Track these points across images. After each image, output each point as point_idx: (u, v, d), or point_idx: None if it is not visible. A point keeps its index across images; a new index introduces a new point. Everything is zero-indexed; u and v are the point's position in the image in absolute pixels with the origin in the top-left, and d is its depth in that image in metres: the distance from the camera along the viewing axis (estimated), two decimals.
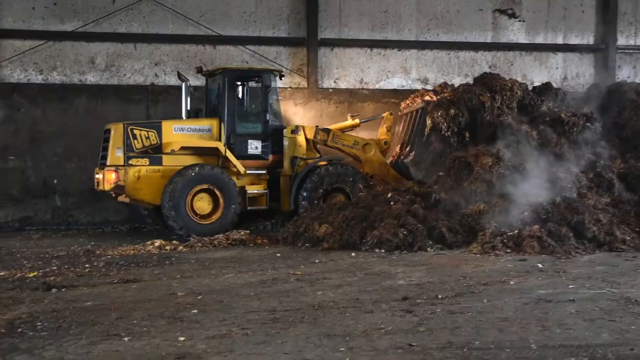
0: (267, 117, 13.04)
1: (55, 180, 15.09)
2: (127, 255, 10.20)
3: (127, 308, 6.33)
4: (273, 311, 6.11)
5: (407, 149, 13.28)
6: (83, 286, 7.54)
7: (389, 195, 11.33)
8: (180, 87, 13.72)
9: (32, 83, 15.16)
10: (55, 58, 15.23)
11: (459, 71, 16.66)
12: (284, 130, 13.42)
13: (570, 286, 7.18)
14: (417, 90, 14.82)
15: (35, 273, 8.44)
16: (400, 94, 15.39)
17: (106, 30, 15.30)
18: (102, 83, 15.36)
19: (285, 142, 13.35)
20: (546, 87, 13.65)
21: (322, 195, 13.02)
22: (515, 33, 17.03)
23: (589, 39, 17.32)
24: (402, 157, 13.32)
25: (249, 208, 12.82)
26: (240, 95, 12.91)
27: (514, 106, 12.79)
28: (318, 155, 13.85)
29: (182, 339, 5.19)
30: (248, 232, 11.82)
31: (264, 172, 13.14)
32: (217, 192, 12.36)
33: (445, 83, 14.05)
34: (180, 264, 9.25)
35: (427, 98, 13.34)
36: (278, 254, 10.06)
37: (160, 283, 7.73)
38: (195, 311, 6.14)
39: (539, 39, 17.19)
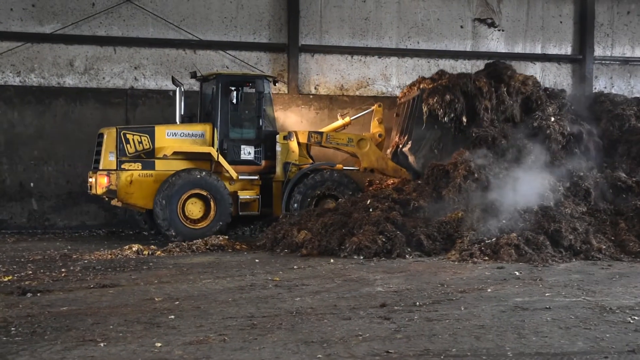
0: (260, 123, 13.15)
1: (32, 184, 14.93)
2: (104, 259, 10.11)
3: (103, 313, 6.27)
4: (251, 317, 6.09)
5: (405, 137, 13.34)
6: (59, 291, 7.46)
7: (368, 202, 11.36)
8: (161, 92, 13.67)
9: (10, 85, 14.97)
10: (33, 60, 15.08)
11: None
12: (277, 136, 13.49)
13: (547, 294, 7.24)
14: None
15: (10, 277, 8.32)
16: (380, 101, 15.44)
17: (85, 33, 15.18)
18: (80, 86, 15.22)
19: (278, 148, 13.44)
20: (560, 93, 13.76)
21: (314, 201, 13.07)
22: (495, 42, 17.19)
23: (567, 49, 17.53)
24: (400, 146, 13.37)
25: (240, 214, 12.87)
26: (233, 100, 12.98)
27: (518, 99, 12.87)
28: (311, 160, 13.93)
29: (159, 344, 5.15)
30: (226, 237, 11.79)
31: (256, 177, 13.21)
32: (211, 202, 12.47)
33: (442, 71, 14.04)
34: (157, 269, 9.18)
35: (423, 86, 13.39)
36: (256, 260, 10.04)
37: (137, 288, 7.67)
38: (172, 317, 6.10)
39: (518, 49, 17.35)
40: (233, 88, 12.99)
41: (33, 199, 14.95)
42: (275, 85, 14.18)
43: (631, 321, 5.95)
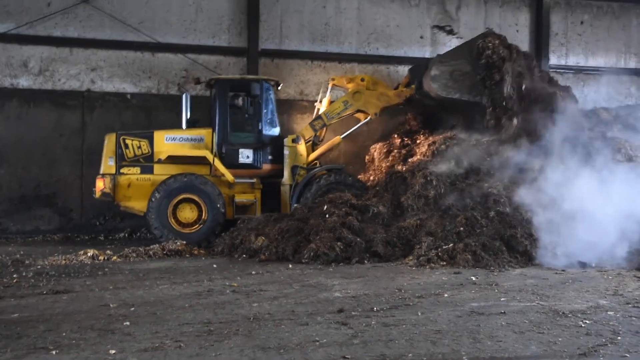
0: (260, 127, 13.16)
1: None
2: (58, 265, 9.94)
3: (56, 320, 6.15)
4: (208, 323, 6.04)
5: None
6: (10, 297, 7.29)
7: (325, 207, 11.34)
8: (119, 94, 13.41)
9: None
10: None
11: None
12: (285, 140, 13.51)
13: (502, 299, 7.34)
14: None
15: None
16: None
17: (40, 34, 14.89)
18: (35, 87, 14.93)
19: (286, 152, 13.44)
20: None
21: None
22: None
23: None
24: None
25: (235, 217, 12.79)
26: (232, 104, 13.09)
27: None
28: (317, 163, 13.96)
29: (113, 352, 5.07)
30: (184, 242, 11.69)
31: (253, 180, 13.19)
32: (202, 205, 12.49)
33: None
34: (113, 274, 9.05)
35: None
36: (214, 265, 9.97)
37: (92, 294, 7.55)
38: (127, 323, 6.01)
39: None
40: (231, 92, 13.13)
41: None
42: (278, 88, 14.29)
43: (583, 325, 6.07)
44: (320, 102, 14.88)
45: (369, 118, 14.16)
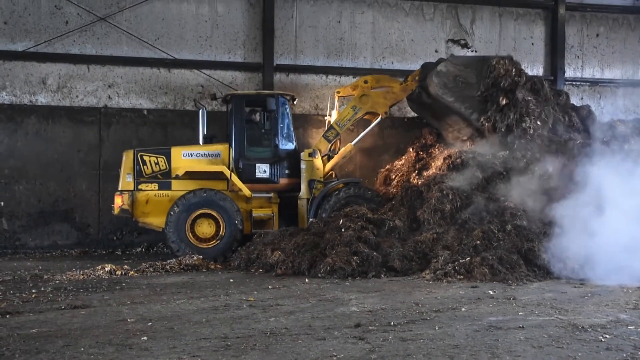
0: (277, 141, 13.25)
1: (2, 203, 14.70)
2: (76, 280, 9.99)
3: (74, 335, 6.17)
4: (225, 338, 6.04)
5: None
6: (29, 312, 7.34)
7: (341, 222, 11.32)
8: (135, 110, 13.53)
9: None
10: (4, 78, 14.93)
11: None
12: (302, 154, 13.58)
13: (520, 313, 7.29)
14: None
15: None
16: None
17: (59, 51, 15.08)
18: (53, 104, 15.09)
19: (303, 166, 13.50)
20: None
21: None
22: None
23: (539, 70, 17.79)
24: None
25: (253, 231, 12.81)
26: (248, 119, 13.23)
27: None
28: (334, 176, 14.03)
29: None
30: (201, 257, 11.72)
31: (270, 195, 13.23)
32: (220, 221, 12.55)
33: None
34: (130, 289, 9.09)
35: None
36: (231, 280, 9.98)
37: (109, 309, 7.58)
38: (145, 338, 6.03)
39: None
40: (247, 108, 13.26)
41: (3, 219, 14.72)
42: (294, 103, 14.36)
43: (603, 340, 6.01)
44: (330, 115, 14.92)
45: (379, 118, 14.19)
